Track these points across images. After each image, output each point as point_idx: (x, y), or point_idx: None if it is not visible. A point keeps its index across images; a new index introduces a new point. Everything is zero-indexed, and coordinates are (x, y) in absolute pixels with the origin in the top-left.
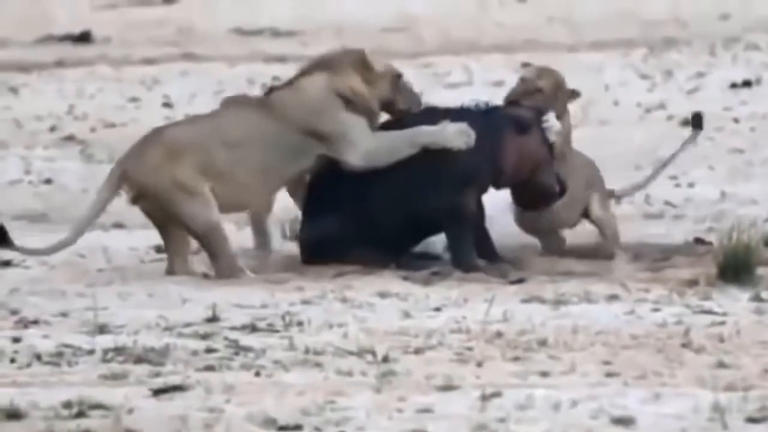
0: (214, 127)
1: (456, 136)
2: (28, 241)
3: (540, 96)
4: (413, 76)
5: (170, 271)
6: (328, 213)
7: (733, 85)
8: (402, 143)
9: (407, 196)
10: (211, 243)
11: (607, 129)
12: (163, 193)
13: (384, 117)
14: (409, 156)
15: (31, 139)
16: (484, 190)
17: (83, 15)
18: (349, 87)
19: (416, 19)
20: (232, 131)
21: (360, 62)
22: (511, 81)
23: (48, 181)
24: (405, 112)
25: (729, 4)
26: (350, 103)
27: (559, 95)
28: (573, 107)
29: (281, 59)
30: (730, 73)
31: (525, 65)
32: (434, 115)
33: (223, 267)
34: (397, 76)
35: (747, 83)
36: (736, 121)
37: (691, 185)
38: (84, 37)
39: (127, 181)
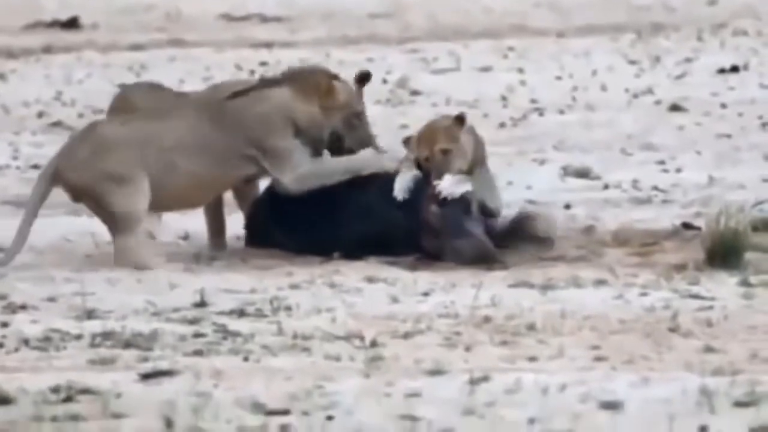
0: (150, 129)
1: (389, 161)
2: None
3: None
4: (401, 62)
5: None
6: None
7: (721, 71)
8: (337, 170)
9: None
10: (123, 230)
11: (594, 114)
12: (92, 188)
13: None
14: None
15: (18, 124)
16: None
17: (71, 1)
18: (305, 113)
19: (404, 5)
20: (168, 135)
21: (324, 89)
22: (499, 66)
23: (35, 167)
24: (349, 152)
25: None
26: (300, 130)
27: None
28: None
29: (269, 45)
30: (718, 59)
31: (406, 140)
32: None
33: (124, 255)
34: (355, 115)
35: (735, 69)
36: (723, 106)
37: (678, 170)
38: (72, 23)
39: (59, 180)
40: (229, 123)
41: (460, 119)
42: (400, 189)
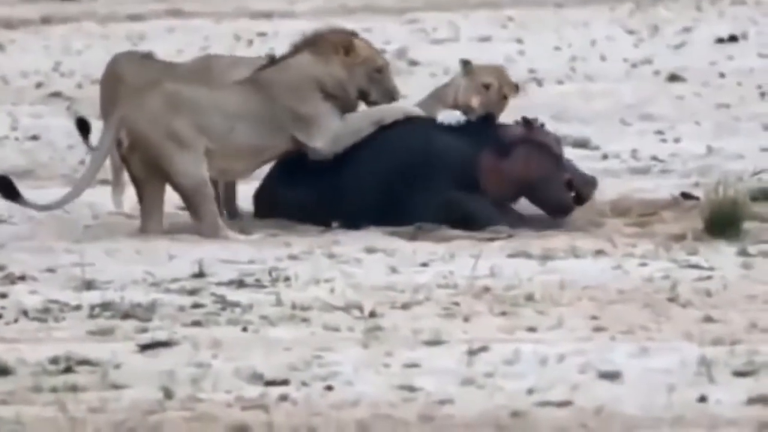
0: (212, 93)
1: (412, 108)
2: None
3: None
4: (400, 32)
5: (143, 230)
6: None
7: (720, 40)
8: (363, 124)
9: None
10: (197, 201)
11: (593, 84)
12: (156, 142)
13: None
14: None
15: (17, 95)
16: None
17: None
18: (328, 74)
19: None
20: (227, 101)
21: (344, 46)
22: (498, 37)
23: (34, 138)
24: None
25: None
26: (327, 93)
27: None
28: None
29: (268, 15)
30: (717, 28)
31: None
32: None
33: (207, 226)
34: (376, 69)
35: (733, 38)
36: (722, 76)
37: (677, 140)
38: None
39: (125, 128)
40: (266, 94)
41: (518, 87)
42: (447, 117)
